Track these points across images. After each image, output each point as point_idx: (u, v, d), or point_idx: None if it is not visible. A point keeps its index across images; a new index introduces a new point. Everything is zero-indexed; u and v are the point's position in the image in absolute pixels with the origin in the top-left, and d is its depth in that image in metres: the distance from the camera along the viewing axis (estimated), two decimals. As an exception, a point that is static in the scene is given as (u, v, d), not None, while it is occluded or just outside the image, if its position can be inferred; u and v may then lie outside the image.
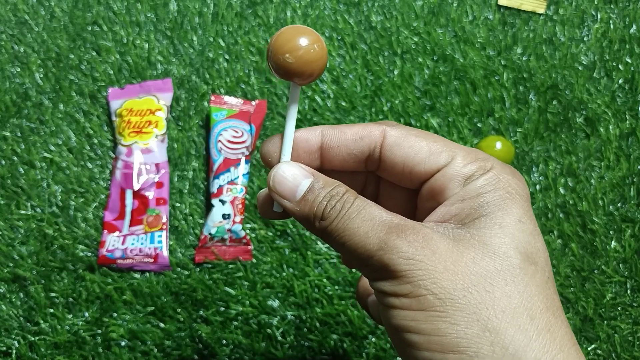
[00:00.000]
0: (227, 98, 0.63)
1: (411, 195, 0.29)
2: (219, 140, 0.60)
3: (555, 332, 0.23)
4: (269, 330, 0.55)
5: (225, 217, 0.57)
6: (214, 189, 0.58)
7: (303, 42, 0.25)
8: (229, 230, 0.57)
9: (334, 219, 0.25)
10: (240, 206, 0.58)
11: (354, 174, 0.29)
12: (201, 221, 0.59)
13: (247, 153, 0.60)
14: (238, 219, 0.57)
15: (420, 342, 0.23)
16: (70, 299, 0.56)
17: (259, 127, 0.61)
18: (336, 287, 0.56)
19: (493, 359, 0.22)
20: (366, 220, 0.24)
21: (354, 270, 0.56)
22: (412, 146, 0.26)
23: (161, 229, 0.58)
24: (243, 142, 0.60)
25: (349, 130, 0.27)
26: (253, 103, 0.62)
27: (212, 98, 0.62)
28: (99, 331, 0.55)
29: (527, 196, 0.25)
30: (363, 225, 0.24)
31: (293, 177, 0.26)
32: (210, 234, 0.57)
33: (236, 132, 0.60)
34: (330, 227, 0.25)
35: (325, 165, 0.28)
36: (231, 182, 0.58)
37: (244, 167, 0.59)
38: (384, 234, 0.24)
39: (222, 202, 0.57)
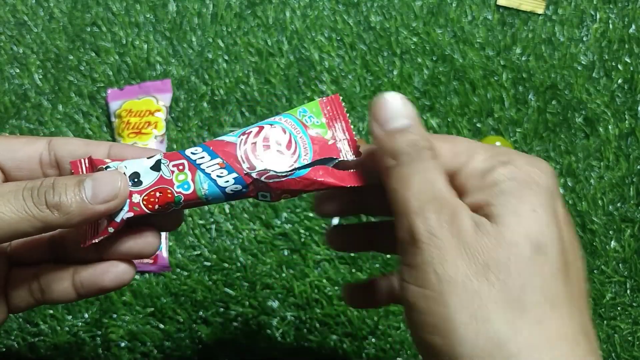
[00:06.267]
0: None
1: None
2: None
3: (548, 325, 0.23)
4: (268, 331, 0.55)
5: None
6: None
7: None
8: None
9: (403, 165, 0.26)
10: None
11: None
12: (201, 222, 0.59)
13: None
14: None
15: (419, 320, 0.25)
16: (70, 300, 0.56)
17: None
18: (336, 288, 0.56)
19: (476, 347, 0.23)
20: (425, 182, 0.26)
21: (353, 270, 0.56)
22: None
23: (161, 230, 0.58)
24: None
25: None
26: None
27: None
28: (99, 332, 0.54)
29: (547, 186, 0.26)
30: (420, 185, 0.26)
31: (393, 108, 0.27)
32: None
33: None
34: (395, 169, 0.27)
35: None
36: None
37: None
38: (425, 202, 0.25)
39: None
